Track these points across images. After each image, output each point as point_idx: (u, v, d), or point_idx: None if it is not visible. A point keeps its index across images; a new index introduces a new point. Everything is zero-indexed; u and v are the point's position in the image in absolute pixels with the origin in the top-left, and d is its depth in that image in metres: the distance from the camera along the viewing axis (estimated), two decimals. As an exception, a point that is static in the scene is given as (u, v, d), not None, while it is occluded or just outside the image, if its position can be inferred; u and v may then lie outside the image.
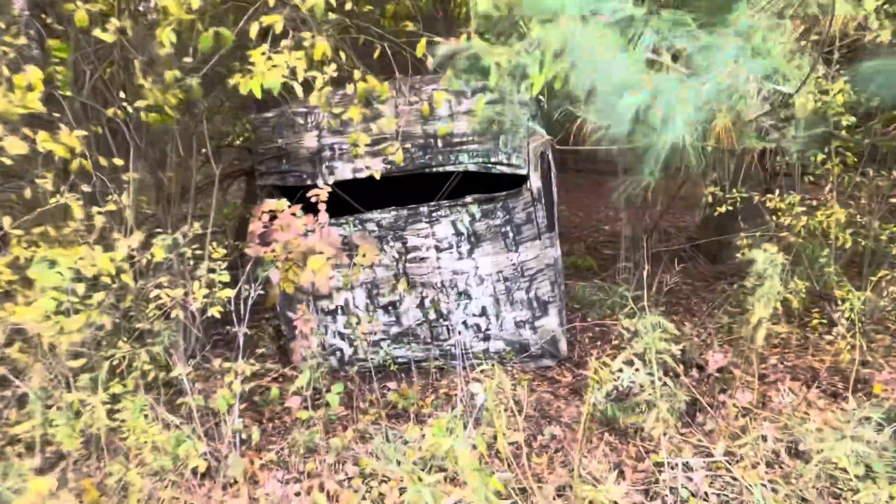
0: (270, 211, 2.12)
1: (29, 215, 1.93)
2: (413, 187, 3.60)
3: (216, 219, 3.16)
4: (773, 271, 2.17)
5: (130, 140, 2.44)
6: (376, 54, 3.11)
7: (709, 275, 4.61)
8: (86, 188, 2.19)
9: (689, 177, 4.34)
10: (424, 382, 3.16)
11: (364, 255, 2.40)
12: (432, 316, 3.46)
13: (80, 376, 1.96)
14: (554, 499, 2.03)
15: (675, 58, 2.23)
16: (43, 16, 2.34)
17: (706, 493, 2.04)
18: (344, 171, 3.36)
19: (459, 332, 3.46)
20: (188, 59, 2.44)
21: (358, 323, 3.41)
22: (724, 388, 2.72)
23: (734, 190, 3.44)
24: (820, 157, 2.74)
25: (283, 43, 2.31)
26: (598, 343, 3.62)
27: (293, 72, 2.33)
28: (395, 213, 3.34)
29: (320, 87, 2.39)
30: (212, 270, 2.06)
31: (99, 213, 2.00)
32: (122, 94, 2.41)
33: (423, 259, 3.36)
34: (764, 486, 1.99)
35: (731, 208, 3.56)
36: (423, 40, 2.62)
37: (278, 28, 2.33)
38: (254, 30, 2.33)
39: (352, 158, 3.32)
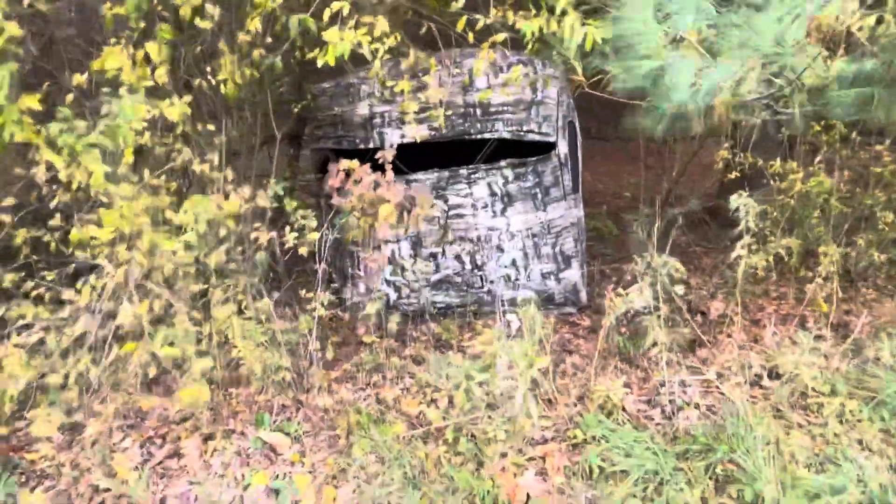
0: (345, 169, 2.59)
1: (160, 171, 2.41)
2: (453, 151, 4.04)
3: (278, 175, 3.64)
4: (748, 214, 2.58)
5: (220, 108, 2.91)
6: (423, 30, 3.52)
7: (721, 237, 5.00)
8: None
9: (703, 143, 4.69)
10: (461, 323, 3.65)
11: (423, 207, 2.84)
12: (468, 266, 3.93)
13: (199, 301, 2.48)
14: (574, 405, 2.53)
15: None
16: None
17: (698, 404, 2.52)
18: (392, 137, 3.80)
19: (492, 282, 3.93)
20: (269, 40, 2.89)
21: (403, 270, 3.89)
22: (722, 330, 3.17)
23: (744, 155, 3.81)
24: (816, 128, 3.11)
25: (349, 23, 2.74)
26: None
27: (359, 45, 2.77)
28: (437, 175, 3.78)
29: (381, 55, 2.82)
30: (302, 216, 2.55)
31: (211, 169, 2.49)
32: (208, 70, 2.86)
33: (461, 216, 3.82)
34: (746, 400, 2.46)
35: (739, 174, 3.93)
36: (464, 17, 3.01)
37: (346, 11, 2.75)
38: (326, 14, 2.76)
39: (400, 125, 3.76)
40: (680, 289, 2.61)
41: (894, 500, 2.01)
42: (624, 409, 2.50)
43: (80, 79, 2.48)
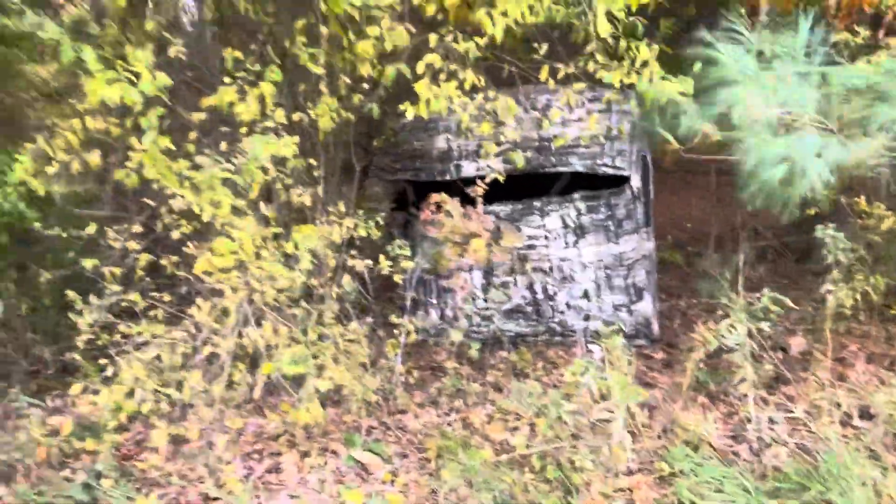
0: (436, 202, 2.74)
1: (275, 203, 2.62)
2: (528, 183, 4.15)
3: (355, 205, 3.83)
4: (839, 252, 2.57)
5: (321, 145, 3.13)
6: (504, 74, 3.67)
7: (796, 273, 4.90)
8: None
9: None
10: (533, 352, 3.70)
11: (508, 240, 2.95)
12: (539, 296, 4.00)
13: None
14: (658, 437, 2.55)
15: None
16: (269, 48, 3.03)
17: (787, 441, 2.49)
18: (468, 169, 3.94)
19: (563, 312, 3.97)
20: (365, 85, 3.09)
21: (475, 299, 3.99)
22: (805, 367, 3.12)
23: (823, 192, 3.76)
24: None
25: (441, 76, 2.90)
26: (686, 327, 4.05)
27: (450, 98, 2.92)
28: (511, 207, 3.89)
29: (471, 111, 2.96)
30: (399, 246, 2.71)
31: (310, 198, 2.68)
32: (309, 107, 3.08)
33: (534, 247, 3.90)
34: (838, 438, 2.42)
35: (816, 210, 3.87)
36: (546, 66, 3.12)
37: (437, 64, 2.92)
38: (420, 66, 2.93)
39: (476, 158, 3.90)
40: (766, 325, 2.61)
41: None
42: (710, 445, 2.50)
43: (200, 116, 2.73)
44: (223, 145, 2.64)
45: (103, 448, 2.37)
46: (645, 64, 2.97)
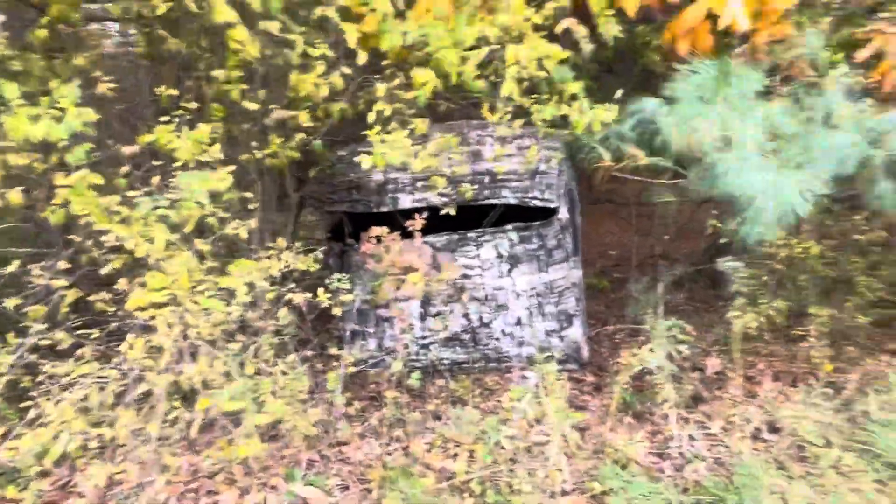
0: (376, 236, 2.81)
1: (209, 238, 2.61)
2: (463, 215, 4.29)
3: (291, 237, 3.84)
4: (740, 281, 2.85)
5: (258, 179, 3.15)
6: (440, 109, 3.83)
7: (709, 298, 5.27)
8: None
9: (698, 208, 5.02)
10: (471, 379, 3.80)
11: (445, 272, 3.05)
12: (475, 324, 4.11)
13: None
14: (590, 458, 2.69)
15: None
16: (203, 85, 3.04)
17: (705, 456, 2.69)
18: (405, 202, 4.04)
19: (497, 339, 4.11)
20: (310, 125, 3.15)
21: (412, 328, 4.06)
22: (720, 386, 3.37)
23: (731, 222, 4.11)
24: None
25: (392, 125, 3.02)
26: (613, 351, 4.27)
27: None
28: (447, 238, 4.01)
29: (423, 158, 3.09)
30: (339, 279, 2.75)
31: (246, 231, 2.70)
32: (253, 144, 3.11)
33: (469, 276, 4.03)
34: (750, 452, 2.64)
35: (728, 239, 4.22)
36: (486, 105, 3.30)
37: (387, 111, 3.04)
38: (371, 116, 3.04)
39: (412, 191, 4.01)
40: (684, 348, 2.82)
41: (892, 546, 2.18)
42: (637, 463, 2.66)
43: (132, 150, 2.70)
44: (155, 180, 2.62)
45: (26, 495, 2.25)
46: (574, 97, 3.20)
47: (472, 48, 2.92)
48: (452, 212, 3.48)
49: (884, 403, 2.93)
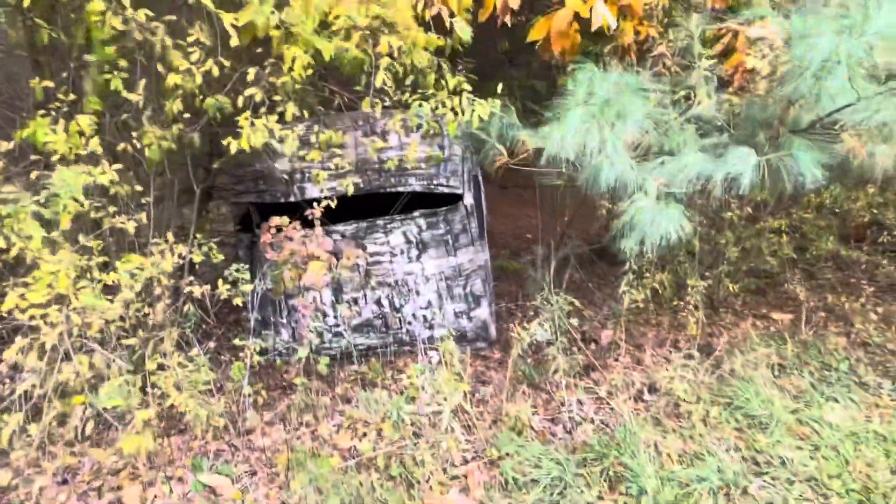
0: (276, 225, 2.84)
1: (93, 233, 2.55)
2: (371, 203, 4.37)
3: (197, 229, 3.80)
4: (633, 259, 3.13)
5: (151, 172, 3.08)
6: (336, 103, 3.87)
7: (609, 274, 5.63)
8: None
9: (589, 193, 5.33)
10: (383, 362, 3.91)
11: (349, 258, 3.13)
12: (387, 309, 4.22)
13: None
14: (489, 427, 2.87)
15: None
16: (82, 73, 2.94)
17: (593, 418, 2.94)
18: (313, 191, 4.07)
19: (410, 323, 4.24)
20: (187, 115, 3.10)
21: (325, 316, 4.12)
22: (611, 355, 3.66)
23: (621, 204, 4.43)
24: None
25: (262, 109, 3.01)
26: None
27: (271, 132, 3.04)
28: (356, 225, 4.08)
29: (291, 143, 3.10)
30: (237, 269, 2.76)
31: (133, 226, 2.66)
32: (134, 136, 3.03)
33: (379, 262, 4.12)
34: (631, 412, 2.91)
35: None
36: (367, 100, 3.37)
37: (258, 97, 3.03)
38: (240, 100, 3.02)
39: (319, 181, 4.05)
40: (574, 321, 3.05)
41: (744, 482, 2.50)
42: (532, 428, 2.87)
43: (6, 146, 2.59)
44: (33, 175, 2.54)
45: None
46: (456, 91, 3.34)
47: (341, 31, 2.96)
48: (350, 192, 3.56)
49: (746, 362, 3.30)
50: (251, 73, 3.04)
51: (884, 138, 2.68)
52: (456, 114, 3.31)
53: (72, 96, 2.75)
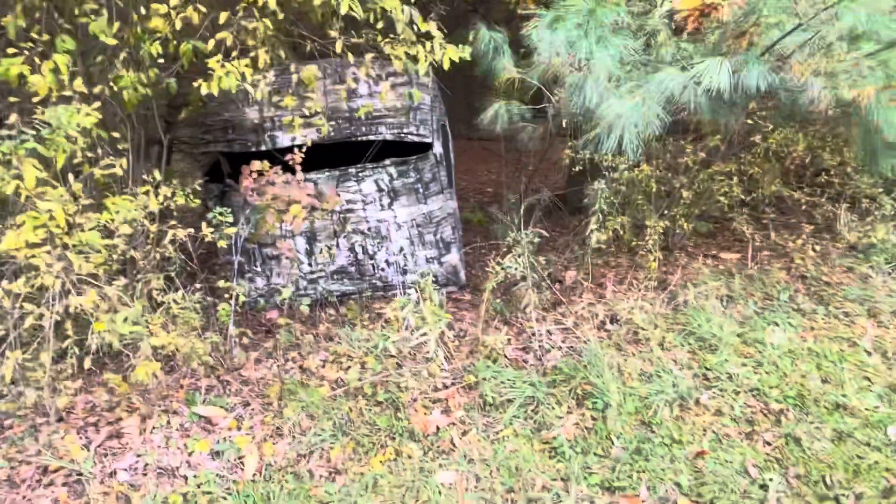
0: (257, 170, 2.92)
1: (80, 175, 2.58)
2: (343, 151, 4.44)
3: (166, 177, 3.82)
4: (603, 201, 3.34)
5: (125, 116, 3.09)
6: (307, 49, 3.89)
7: (570, 222, 5.88)
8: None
9: (552, 143, 5.52)
10: (360, 305, 4.07)
11: (329, 202, 3.23)
12: (360, 256, 4.35)
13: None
14: (466, 357, 3.09)
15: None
16: (56, 15, 2.89)
17: (561, 346, 3.19)
18: (283, 140, 4.11)
19: (383, 269, 4.39)
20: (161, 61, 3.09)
21: (300, 264, 4.22)
22: (575, 293, 3.91)
23: (584, 153, 4.64)
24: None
25: (234, 53, 3.03)
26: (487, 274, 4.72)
27: (243, 76, 3.06)
28: (328, 174, 4.16)
29: (262, 88, 3.12)
30: (220, 213, 2.84)
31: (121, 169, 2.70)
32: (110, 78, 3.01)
33: (352, 210, 4.23)
34: (595, 339, 3.17)
35: (582, 168, 4.76)
36: (340, 42, 3.41)
37: (229, 41, 3.04)
38: (211, 43, 3.02)
39: (291, 129, 4.09)
40: (542, 259, 3.26)
41: (696, 395, 2.80)
42: (506, 357, 3.10)
43: (-16, 88, 2.57)
44: (12, 118, 2.53)
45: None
46: (427, 35, 3.41)
47: None
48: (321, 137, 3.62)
49: (699, 294, 3.60)
50: (222, 16, 3.05)
51: (822, 67, 2.91)
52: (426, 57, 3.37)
53: (45, 36, 2.72)
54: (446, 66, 3.41)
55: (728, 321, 3.37)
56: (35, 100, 2.55)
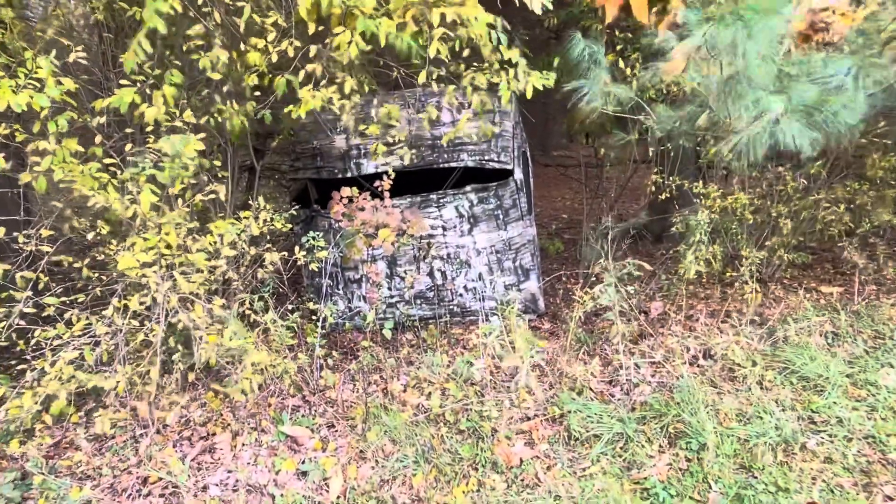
0: (347, 196, 3.00)
1: (188, 201, 2.74)
2: (424, 178, 4.51)
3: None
4: (697, 231, 3.19)
5: (225, 145, 3.27)
6: (394, 75, 4.00)
7: (653, 251, 5.68)
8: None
9: (636, 169, 5.38)
10: (438, 330, 4.06)
11: (414, 227, 3.27)
12: (440, 281, 4.37)
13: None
14: (549, 389, 3.00)
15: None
16: (167, 53, 3.12)
17: (650, 381, 3.05)
18: (368, 167, 4.23)
19: (461, 295, 4.39)
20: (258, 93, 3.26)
21: (380, 288, 4.29)
22: (663, 325, 3.75)
23: (671, 179, 4.48)
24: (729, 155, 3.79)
25: (322, 82, 3.14)
26: (567, 302, 4.62)
27: (330, 101, 3.17)
28: (410, 200, 4.23)
29: (348, 111, 3.22)
30: (313, 238, 2.93)
31: (224, 194, 2.84)
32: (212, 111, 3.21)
33: (432, 236, 4.27)
34: (688, 375, 3.01)
35: (669, 195, 4.60)
36: (424, 72, 3.45)
37: (318, 72, 3.16)
38: (301, 74, 3.15)
39: (375, 157, 4.20)
40: (631, 289, 3.15)
41: (802, 438, 2.58)
42: (591, 389, 2.99)
43: (100, 120, 2.79)
44: (128, 147, 2.73)
45: (30, 447, 2.39)
46: (510, 63, 3.40)
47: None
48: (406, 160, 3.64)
49: (800, 330, 3.36)
50: (312, 49, 3.18)
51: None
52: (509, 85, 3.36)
53: (157, 71, 2.94)
54: (529, 94, 3.40)
55: (835, 360, 3.11)
56: (148, 129, 2.75)
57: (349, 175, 4.23)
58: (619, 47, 4.89)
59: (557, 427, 2.76)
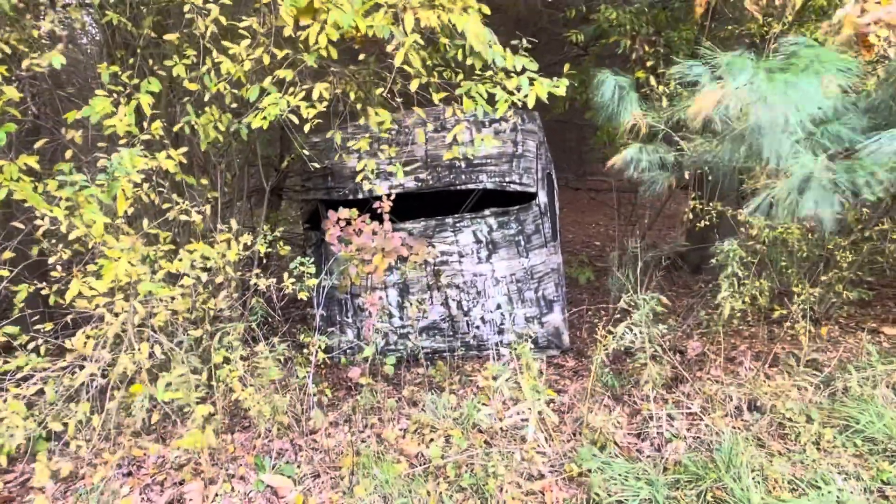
0: (345, 219, 2.72)
1: (156, 221, 2.50)
2: (440, 200, 4.21)
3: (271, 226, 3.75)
4: (733, 258, 2.79)
5: (213, 164, 3.04)
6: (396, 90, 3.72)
7: (691, 282, 5.24)
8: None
9: (672, 194, 4.98)
10: (450, 366, 3.72)
11: (417, 254, 2.97)
12: (454, 312, 4.04)
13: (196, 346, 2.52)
14: (568, 440, 2.62)
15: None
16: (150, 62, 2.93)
17: (685, 435, 2.64)
18: (381, 188, 3.96)
19: (478, 327, 4.04)
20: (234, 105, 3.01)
21: (391, 317, 3.98)
22: (701, 367, 3.33)
23: (711, 205, 4.08)
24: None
25: (291, 89, 2.85)
26: (594, 337, 4.22)
27: (296, 109, 2.85)
28: (424, 224, 3.94)
29: (311, 116, 2.88)
30: (301, 263, 2.65)
31: (204, 219, 2.59)
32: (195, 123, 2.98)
33: (447, 263, 3.96)
34: (730, 430, 2.59)
35: (709, 223, 4.19)
36: (441, 94, 3.13)
37: (289, 78, 2.87)
38: (267, 80, 2.87)
39: (388, 176, 3.93)
40: (662, 328, 2.76)
41: (873, 519, 2.14)
42: (616, 444, 2.60)
43: (74, 133, 2.58)
44: (100, 163, 2.51)
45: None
46: (515, 71, 3.03)
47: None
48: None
49: (863, 380, 2.90)
50: (280, 53, 2.90)
51: None
52: (512, 94, 2.94)
53: (135, 80, 2.73)
54: (531, 104, 2.98)
55: (907, 418, 2.65)
56: (122, 142, 2.53)
57: (360, 196, 3.97)
58: (649, 63, 4.56)
59: (575, 490, 2.37)
